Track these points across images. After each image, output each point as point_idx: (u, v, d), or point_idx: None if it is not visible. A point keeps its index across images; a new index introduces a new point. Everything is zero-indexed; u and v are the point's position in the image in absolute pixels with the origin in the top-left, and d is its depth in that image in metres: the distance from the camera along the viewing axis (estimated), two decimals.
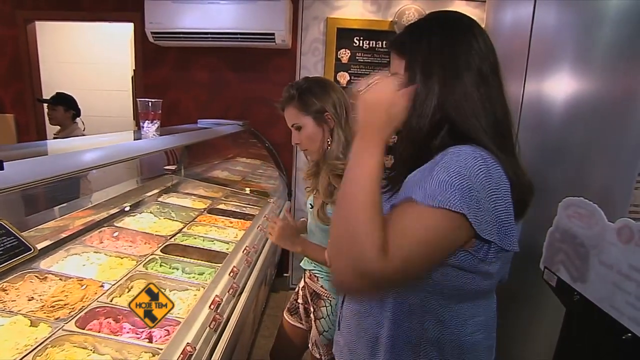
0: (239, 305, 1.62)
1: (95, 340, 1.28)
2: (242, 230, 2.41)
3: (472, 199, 0.77)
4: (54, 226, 1.86)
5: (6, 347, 1.19)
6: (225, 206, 2.85)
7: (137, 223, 2.28)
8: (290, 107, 1.60)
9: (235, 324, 1.49)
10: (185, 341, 1.24)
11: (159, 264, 1.87)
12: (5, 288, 1.49)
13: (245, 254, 1.99)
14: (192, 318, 1.37)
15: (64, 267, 1.71)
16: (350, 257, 0.77)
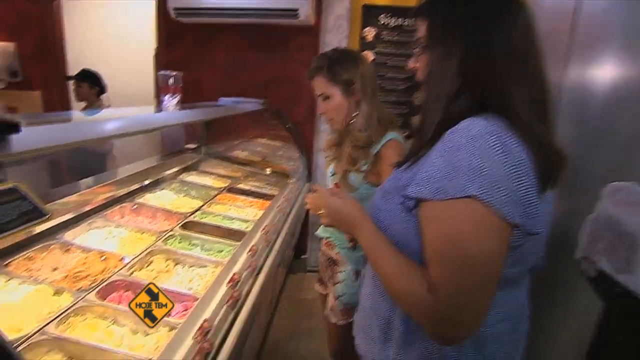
0: (257, 284, 1.61)
1: (115, 312, 1.30)
2: (261, 210, 2.40)
3: (485, 179, 0.70)
4: (77, 200, 1.89)
5: (31, 314, 1.21)
6: (245, 186, 2.84)
7: (157, 199, 2.30)
8: (319, 77, 1.61)
9: (253, 302, 1.47)
10: (202, 317, 1.23)
11: (178, 240, 1.88)
12: (32, 257, 1.52)
13: (264, 233, 1.97)
14: (209, 295, 1.36)
15: (86, 240, 1.73)
16: (417, 314, 0.80)
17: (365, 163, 1.57)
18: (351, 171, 1.56)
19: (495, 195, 0.70)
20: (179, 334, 1.13)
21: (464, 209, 0.72)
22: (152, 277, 1.57)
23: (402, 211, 0.85)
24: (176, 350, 1.09)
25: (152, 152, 2.85)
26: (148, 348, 1.18)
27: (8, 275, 1.37)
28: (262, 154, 3.55)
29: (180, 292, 1.44)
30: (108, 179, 2.16)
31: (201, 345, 1.12)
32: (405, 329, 0.91)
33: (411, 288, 0.77)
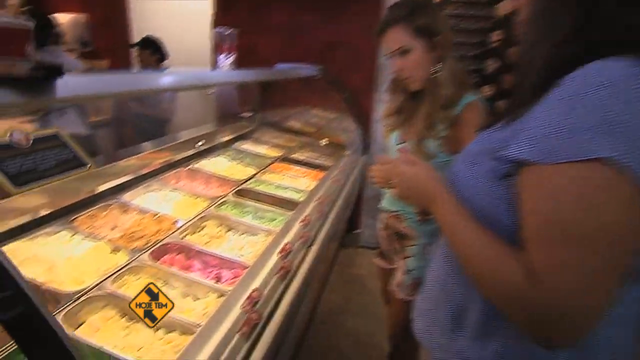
0: (310, 256, 1.53)
1: (167, 274, 1.28)
2: (315, 181, 2.30)
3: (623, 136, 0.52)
4: (136, 163, 1.92)
5: (91, 269, 1.23)
6: (299, 156, 2.76)
7: (212, 166, 2.29)
8: (397, 28, 1.39)
9: (305, 275, 1.40)
10: (251, 286, 1.17)
11: (231, 207, 1.85)
12: (94, 215, 1.56)
13: (318, 204, 1.88)
14: (260, 263, 1.30)
15: (142, 202, 1.76)
16: (510, 307, 0.65)
17: (443, 128, 1.39)
18: (428, 137, 1.39)
19: (637, 158, 0.51)
20: (227, 302, 1.08)
21: (587, 174, 0.54)
22: (204, 242, 1.55)
23: (491, 179, 0.69)
24: (224, 318, 1.04)
25: (208, 120, 2.85)
26: (196, 313, 1.15)
27: (73, 230, 1.42)
28: (317, 124, 3.43)
29: (230, 258, 1.40)
30: (165, 144, 2.18)
31: (249, 315, 1.05)
32: (483, 319, 0.76)
33: (503, 275, 0.61)
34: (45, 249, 1.29)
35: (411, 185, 0.87)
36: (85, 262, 1.26)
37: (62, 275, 1.18)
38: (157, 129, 3.07)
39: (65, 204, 1.51)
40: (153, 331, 1.10)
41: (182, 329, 1.08)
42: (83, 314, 1.09)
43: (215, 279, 1.36)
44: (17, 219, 1.34)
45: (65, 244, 1.35)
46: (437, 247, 0.93)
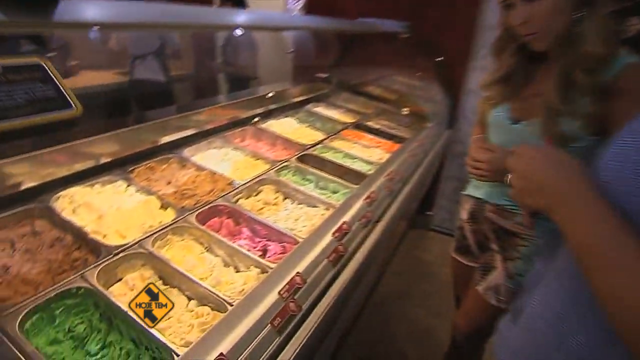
0: (371, 239, 1.31)
1: (211, 240, 1.17)
2: (389, 152, 2.03)
3: None
4: (204, 118, 1.83)
5: (135, 225, 1.18)
6: (375, 124, 2.49)
7: (280, 127, 2.14)
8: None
9: (360, 262, 1.19)
10: (296, 269, 0.99)
11: (292, 173, 1.69)
12: (153, 167, 1.51)
13: (387, 180, 1.63)
14: (310, 242, 1.12)
15: (202, 159, 1.68)
16: None
17: (586, 101, 1.00)
18: (563, 114, 1.02)
19: None
20: (265, 285, 0.92)
21: None
22: (258, 208, 1.42)
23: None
24: (257, 303, 0.88)
25: (283, 79, 2.69)
26: (234, 287, 1.02)
27: (129, 181, 1.38)
28: (399, 91, 3.08)
29: (281, 230, 1.25)
30: (236, 100, 2.07)
31: (286, 304, 0.89)
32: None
33: None
34: (98, 198, 1.26)
35: (541, 181, 0.58)
36: (132, 215, 1.20)
37: (108, 227, 1.14)
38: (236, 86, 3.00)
39: (127, 153, 1.47)
40: (186, 300, 1.00)
41: (215, 305, 0.96)
42: (121, 271, 1.03)
43: (261, 251, 1.22)
44: (80, 164, 1.32)
45: (118, 194, 1.31)
46: (552, 264, 0.64)
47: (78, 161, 1.32)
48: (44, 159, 1.24)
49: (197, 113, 1.83)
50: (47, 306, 0.88)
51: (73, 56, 2.31)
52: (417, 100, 2.95)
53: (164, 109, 1.74)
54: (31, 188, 1.18)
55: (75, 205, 1.19)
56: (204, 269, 1.10)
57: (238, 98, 2.13)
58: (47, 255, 1.03)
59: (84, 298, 0.92)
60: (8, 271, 0.97)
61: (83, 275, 0.94)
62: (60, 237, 1.09)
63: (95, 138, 1.38)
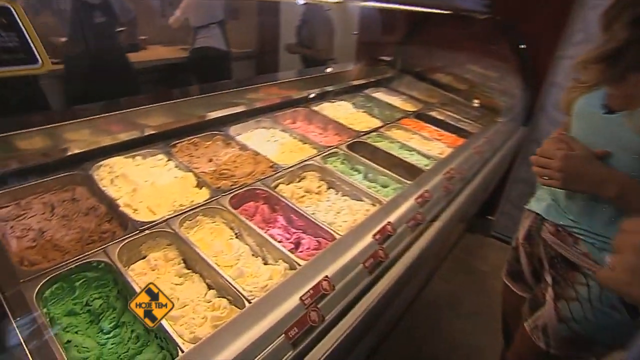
0: (417, 246, 1.14)
1: (242, 226, 1.08)
2: (451, 147, 1.80)
3: None
4: (253, 95, 1.76)
5: (167, 201, 1.12)
6: (438, 115, 2.25)
7: (334, 110, 2.00)
8: None
9: (404, 271, 1.02)
10: (325, 272, 0.86)
11: (340, 161, 1.56)
12: (197, 143, 1.47)
13: (446, 178, 1.43)
14: (347, 241, 0.98)
15: (248, 138, 1.60)
16: None
17: None
18: None
19: None
20: (288, 286, 0.81)
21: None
22: (298, 195, 1.31)
23: None
24: (276, 305, 0.77)
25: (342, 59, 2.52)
26: (257, 282, 0.92)
27: (169, 155, 1.34)
28: (470, 80, 2.75)
29: (319, 224, 1.13)
30: (289, 78, 1.97)
31: (307, 312, 0.77)
32: None
33: None
34: (137, 170, 1.23)
35: None
36: (166, 192, 1.16)
37: (140, 201, 1.10)
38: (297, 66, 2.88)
39: (173, 127, 1.43)
40: (205, 288, 0.92)
41: (233, 298, 0.87)
42: (145, 248, 0.98)
43: (294, 244, 1.11)
44: (126, 134, 1.31)
45: (156, 168, 1.28)
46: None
47: (124, 131, 1.30)
48: (93, 126, 1.24)
49: (249, 89, 1.76)
50: (68, 276, 0.85)
51: (141, 31, 2.36)
52: (490, 92, 2.62)
53: (217, 83, 1.69)
54: (78, 154, 1.19)
55: (113, 176, 1.17)
56: (230, 256, 1.01)
57: (294, 77, 2.03)
58: (81, 223, 1.02)
59: (104, 273, 0.89)
60: (43, 235, 0.96)
61: (106, 249, 0.90)
62: (96, 206, 1.07)
63: (143, 108, 1.37)
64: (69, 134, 1.19)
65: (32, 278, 0.81)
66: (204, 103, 1.56)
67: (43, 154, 1.11)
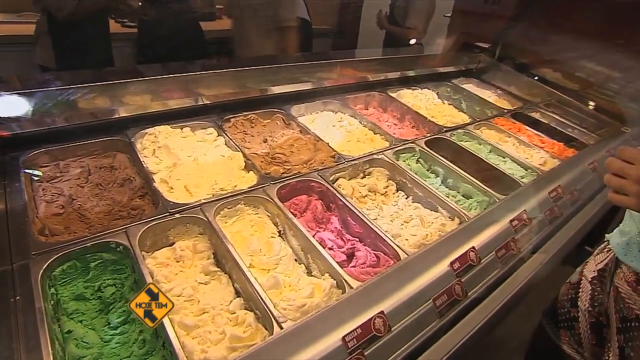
0: (508, 284, 0.87)
1: (288, 224, 0.92)
2: (556, 157, 1.47)
3: None
4: (324, 73, 1.57)
5: (208, 182, 1.00)
6: (541, 117, 1.90)
7: (414, 99, 1.75)
8: None
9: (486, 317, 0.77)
10: (380, 305, 0.66)
11: (415, 159, 1.34)
12: (254, 119, 1.33)
13: (551, 198, 1.13)
14: (414, 266, 0.77)
15: (311, 120, 1.43)
16: None
17: None
18: None
19: None
20: (328, 317, 0.62)
21: None
22: (359, 194, 1.12)
23: None
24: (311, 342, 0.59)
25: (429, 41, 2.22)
26: (293, 298, 0.74)
27: (220, 130, 1.22)
28: (588, 77, 2.29)
29: (381, 234, 0.92)
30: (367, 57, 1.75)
31: None
32: None
33: None
34: (182, 142, 1.12)
35: None
36: (209, 171, 1.03)
37: (178, 178, 0.98)
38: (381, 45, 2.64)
39: (230, 98, 1.31)
40: (232, 294, 0.78)
41: (261, 314, 0.71)
42: (174, 234, 0.87)
43: (346, 256, 0.92)
44: (178, 101, 1.21)
45: (204, 142, 1.16)
46: None
47: (178, 97, 1.20)
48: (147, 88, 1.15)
49: (320, 66, 1.59)
50: (84, 255, 0.75)
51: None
52: (613, 94, 2.14)
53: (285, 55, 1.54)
54: (125, 118, 1.11)
55: (156, 146, 1.07)
56: (268, 257, 0.86)
57: (372, 57, 1.81)
58: (114, 195, 0.93)
59: (122, 257, 0.78)
60: (72, 203, 0.89)
61: (128, 230, 0.79)
62: (132, 177, 0.98)
63: (201, 74, 1.26)
64: (120, 95, 1.12)
65: (44, 251, 0.72)
66: (268, 76, 1.42)
67: (91, 113, 1.05)
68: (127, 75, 1.15)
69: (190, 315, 0.71)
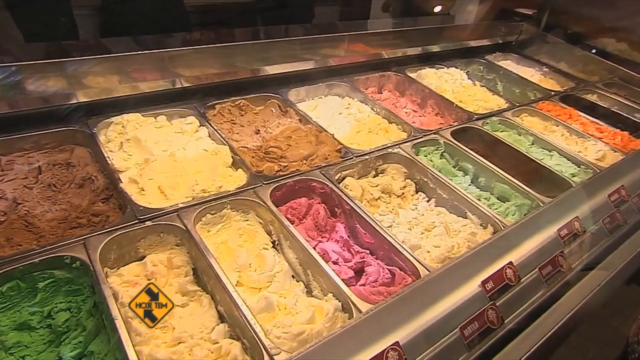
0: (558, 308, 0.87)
1: (284, 233, 0.93)
2: (619, 150, 1.48)
3: None
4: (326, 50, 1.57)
5: (187, 182, 1.00)
6: (600, 100, 1.91)
7: (438, 80, 1.76)
8: None
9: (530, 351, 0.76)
10: (396, 334, 0.66)
11: (439, 153, 1.36)
12: (244, 106, 1.34)
13: (613, 201, 1.13)
14: (438, 285, 0.76)
15: (312, 107, 1.44)
16: None
17: None
18: None
19: None
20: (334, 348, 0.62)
21: None
22: (371, 197, 1.12)
23: None
24: None
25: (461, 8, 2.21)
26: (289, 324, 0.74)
27: (203, 119, 1.22)
28: None
29: (397, 245, 0.92)
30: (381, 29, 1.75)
31: None
32: None
33: None
34: (155, 134, 1.13)
35: None
36: (188, 168, 1.05)
37: (151, 178, 0.98)
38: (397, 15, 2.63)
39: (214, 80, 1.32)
40: (215, 319, 0.78)
41: (250, 345, 0.72)
42: (145, 246, 0.87)
43: (354, 271, 0.93)
44: (151, 83, 1.21)
45: (182, 134, 1.17)
46: None
47: (150, 79, 1.21)
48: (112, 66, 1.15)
49: (324, 40, 1.59)
50: (30, 273, 0.75)
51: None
52: None
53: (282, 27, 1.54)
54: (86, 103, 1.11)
55: (124, 138, 1.07)
56: (259, 274, 0.87)
57: (387, 28, 1.81)
58: (70, 198, 0.94)
59: (79, 275, 0.78)
60: (17, 208, 0.89)
61: (87, 241, 0.79)
62: (94, 177, 0.98)
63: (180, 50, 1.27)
64: (80, 74, 1.12)
65: None
66: (261, 52, 1.42)
67: (42, 97, 1.05)
68: (88, 51, 1.15)
69: (163, 346, 0.72)
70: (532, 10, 2.24)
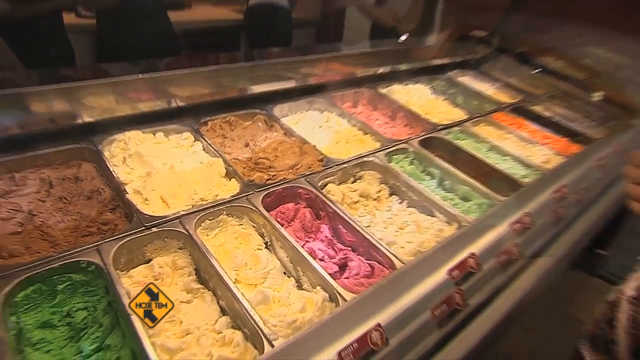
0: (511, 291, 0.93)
1: (276, 234, 0.96)
2: (561, 155, 1.56)
3: None
4: (306, 68, 1.62)
5: (186, 192, 1.03)
6: (545, 110, 2.00)
7: (406, 95, 1.82)
8: None
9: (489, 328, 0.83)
10: (377, 317, 0.71)
11: (408, 160, 1.40)
12: (233, 122, 1.37)
13: (555, 199, 1.20)
14: (411, 275, 0.82)
15: (295, 121, 1.48)
16: None
17: None
18: None
19: None
20: (322, 332, 0.66)
21: None
22: (351, 201, 1.17)
23: None
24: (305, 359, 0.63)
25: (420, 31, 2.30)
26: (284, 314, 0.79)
27: (197, 134, 1.25)
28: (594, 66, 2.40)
29: (374, 242, 0.98)
30: (354, 50, 1.81)
31: None
32: None
33: None
34: (155, 149, 1.16)
35: None
36: (187, 180, 1.07)
37: (153, 189, 1.01)
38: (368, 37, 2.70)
39: (205, 99, 1.35)
40: (218, 313, 0.82)
41: (250, 332, 0.76)
42: (151, 250, 0.90)
43: (339, 266, 0.97)
44: (149, 103, 1.24)
45: (179, 149, 1.20)
46: None
47: (148, 99, 1.23)
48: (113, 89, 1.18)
49: (303, 61, 1.64)
50: (50, 277, 0.78)
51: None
52: (621, 83, 2.26)
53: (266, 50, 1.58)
54: (90, 124, 1.13)
55: (127, 154, 1.10)
56: (255, 272, 0.90)
57: (359, 50, 1.87)
58: (80, 209, 0.96)
59: (94, 277, 0.80)
60: (32, 219, 0.90)
61: (100, 247, 0.82)
62: (101, 189, 1.00)
63: (174, 74, 1.29)
64: (83, 97, 1.14)
65: (3, 275, 0.74)
66: (247, 73, 1.47)
67: (49, 118, 1.07)
68: (91, 75, 1.17)
69: (173, 337, 0.75)
70: (486, 31, 2.34)
